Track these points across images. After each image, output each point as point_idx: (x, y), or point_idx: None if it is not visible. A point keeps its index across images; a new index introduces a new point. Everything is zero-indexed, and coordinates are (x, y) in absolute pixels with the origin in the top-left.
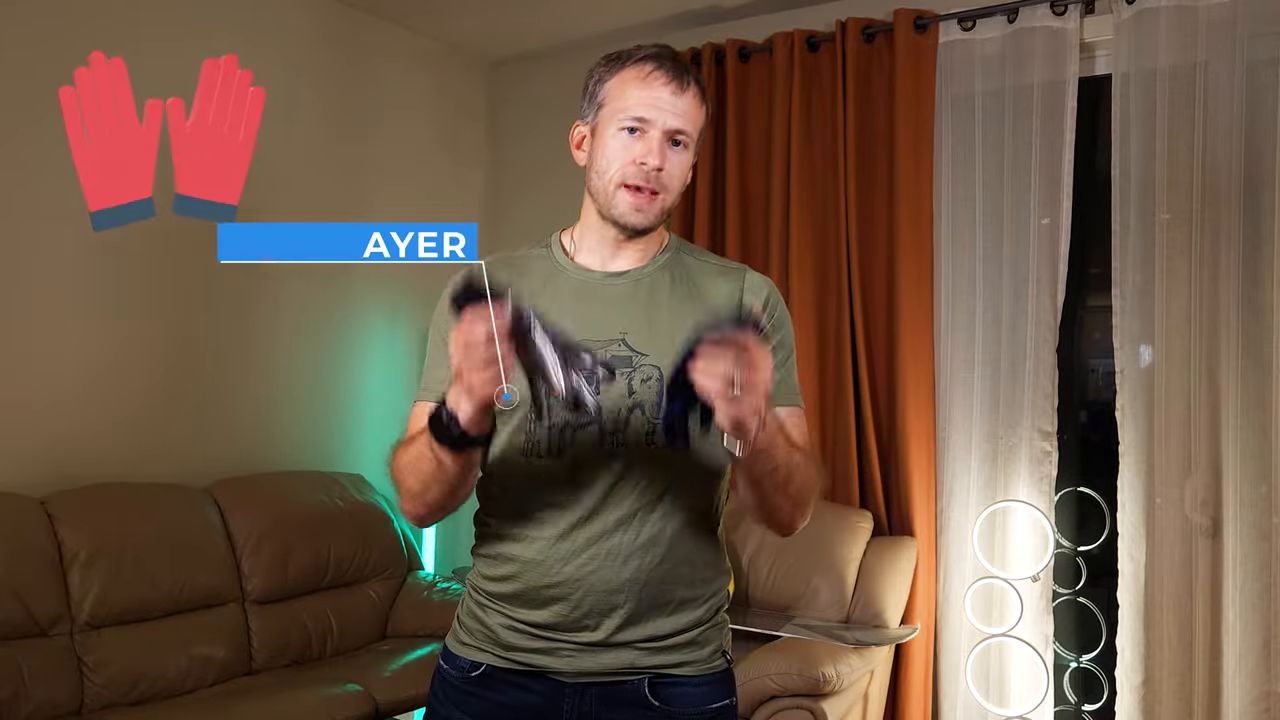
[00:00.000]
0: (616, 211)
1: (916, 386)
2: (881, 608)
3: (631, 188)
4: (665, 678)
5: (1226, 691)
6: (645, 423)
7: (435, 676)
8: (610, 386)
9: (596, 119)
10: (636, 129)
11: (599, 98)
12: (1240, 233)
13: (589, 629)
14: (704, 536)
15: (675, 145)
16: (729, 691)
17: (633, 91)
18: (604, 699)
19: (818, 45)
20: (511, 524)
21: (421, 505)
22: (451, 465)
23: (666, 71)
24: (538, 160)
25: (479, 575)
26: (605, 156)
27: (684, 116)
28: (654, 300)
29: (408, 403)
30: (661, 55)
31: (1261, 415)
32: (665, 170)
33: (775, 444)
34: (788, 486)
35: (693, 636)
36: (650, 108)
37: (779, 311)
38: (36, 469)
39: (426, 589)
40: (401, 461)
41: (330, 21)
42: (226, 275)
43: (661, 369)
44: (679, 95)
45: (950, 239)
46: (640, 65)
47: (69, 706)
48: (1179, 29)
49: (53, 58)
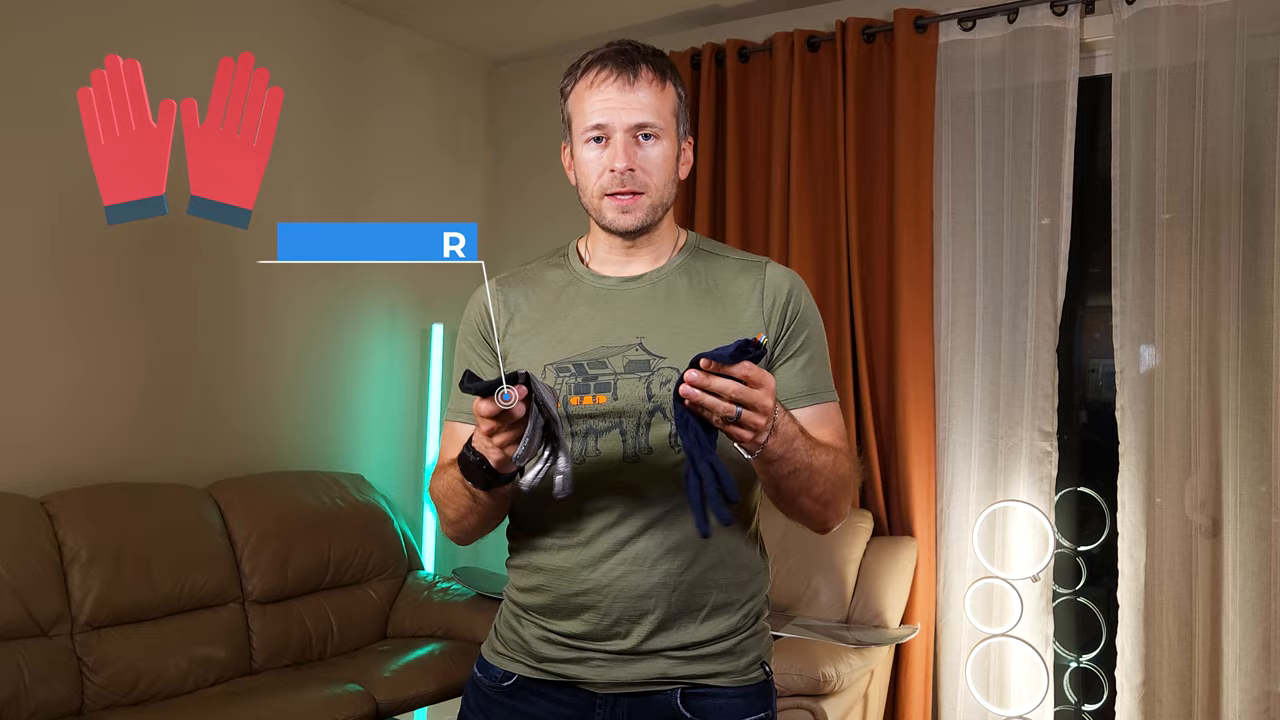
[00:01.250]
0: (606, 220)
1: (916, 386)
2: (881, 608)
3: (612, 195)
4: (699, 689)
5: (1226, 691)
6: (668, 425)
7: (468, 685)
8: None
9: (571, 137)
10: (600, 137)
11: (566, 115)
12: (1240, 233)
13: (619, 636)
14: (737, 538)
15: (646, 139)
16: (766, 705)
17: (587, 101)
18: (635, 712)
19: (818, 45)
20: (538, 533)
21: (460, 531)
22: (485, 499)
23: (611, 69)
24: (538, 160)
25: (513, 587)
26: (584, 173)
27: (642, 108)
28: (672, 302)
29: (408, 403)
30: (605, 55)
31: (1261, 415)
32: (639, 168)
33: (791, 450)
34: (811, 489)
35: (729, 646)
36: (603, 112)
37: (803, 306)
38: (36, 469)
39: (426, 589)
40: (439, 489)
41: (330, 21)
42: (227, 275)
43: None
44: (629, 89)
45: (950, 239)
46: (588, 72)
47: (69, 707)
48: (1179, 29)
49: (55, 59)
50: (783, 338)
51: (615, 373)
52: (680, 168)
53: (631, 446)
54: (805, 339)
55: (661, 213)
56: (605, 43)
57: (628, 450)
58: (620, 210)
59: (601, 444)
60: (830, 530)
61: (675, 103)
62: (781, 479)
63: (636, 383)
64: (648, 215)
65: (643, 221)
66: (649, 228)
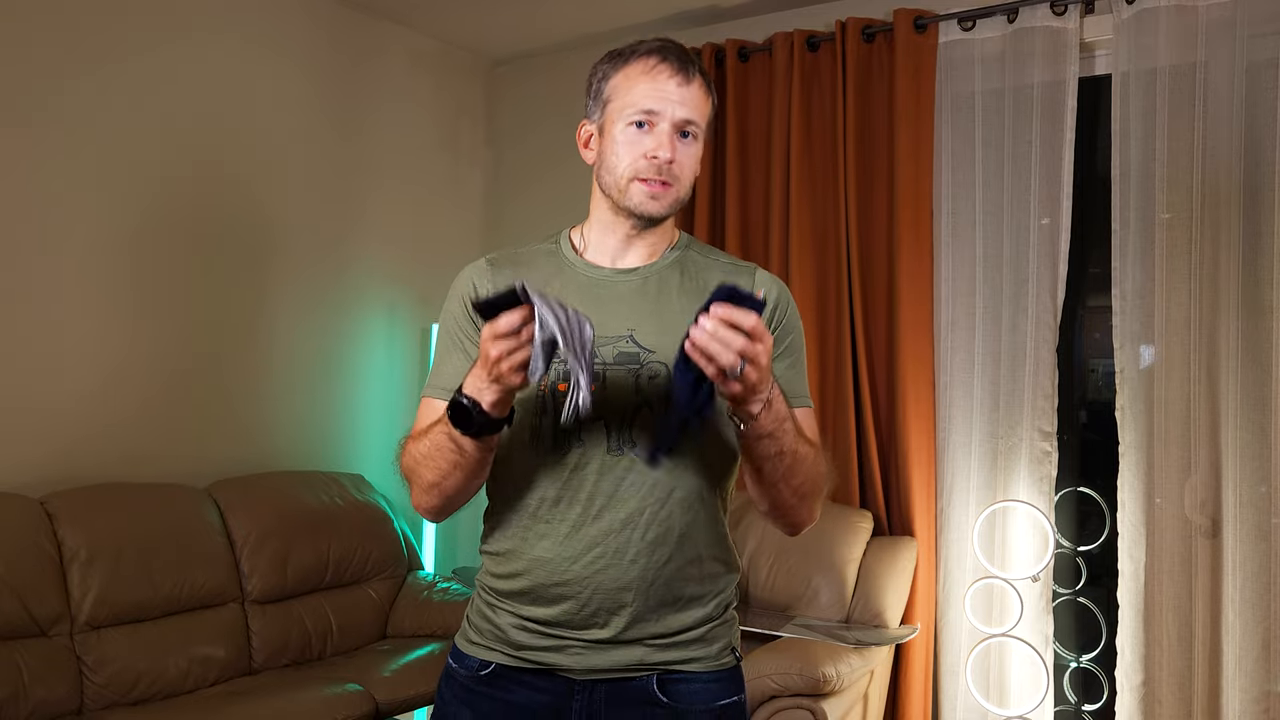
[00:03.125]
0: (632, 202)
1: (916, 386)
2: (881, 608)
3: (644, 180)
4: (674, 674)
5: (1226, 692)
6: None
7: (443, 676)
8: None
9: (604, 116)
10: (645, 122)
11: (604, 95)
12: (1240, 233)
13: (598, 626)
14: (712, 534)
15: (684, 137)
16: (738, 688)
17: (639, 85)
18: (613, 697)
19: (818, 45)
20: (519, 522)
21: (438, 496)
22: (473, 452)
23: (672, 63)
24: (538, 160)
25: (488, 574)
26: (615, 152)
27: (692, 107)
28: (663, 297)
29: (408, 402)
30: (666, 48)
31: (1261, 415)
32: (676, 161)
33: (782, 430)
34: (791, 478)
35: (702, 633)
36: (658, 100)
37: (789, 313)
38: (36, 469)
39: (426, 589)
40: (414, 455)
41: (330, 21)
42: (226, 276)
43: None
44: (685, 86)
45: (950, 239)
46: (645, 59)
47: (69, 706)
48: (1179, 29)
49: (55, 56)
50: None
51: (605, 363)
52: None
53: (616, 440)
54: (789, 344)
55: (679, 208)
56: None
57: (611, 444)
58: (649, 195)
59: (585, 435)
60: (801, 531)
61: (710, 113)
62: (766, 460)
63: (625, 376)
64: (671, 207)
65: (665, 211)
66: (664, 220)
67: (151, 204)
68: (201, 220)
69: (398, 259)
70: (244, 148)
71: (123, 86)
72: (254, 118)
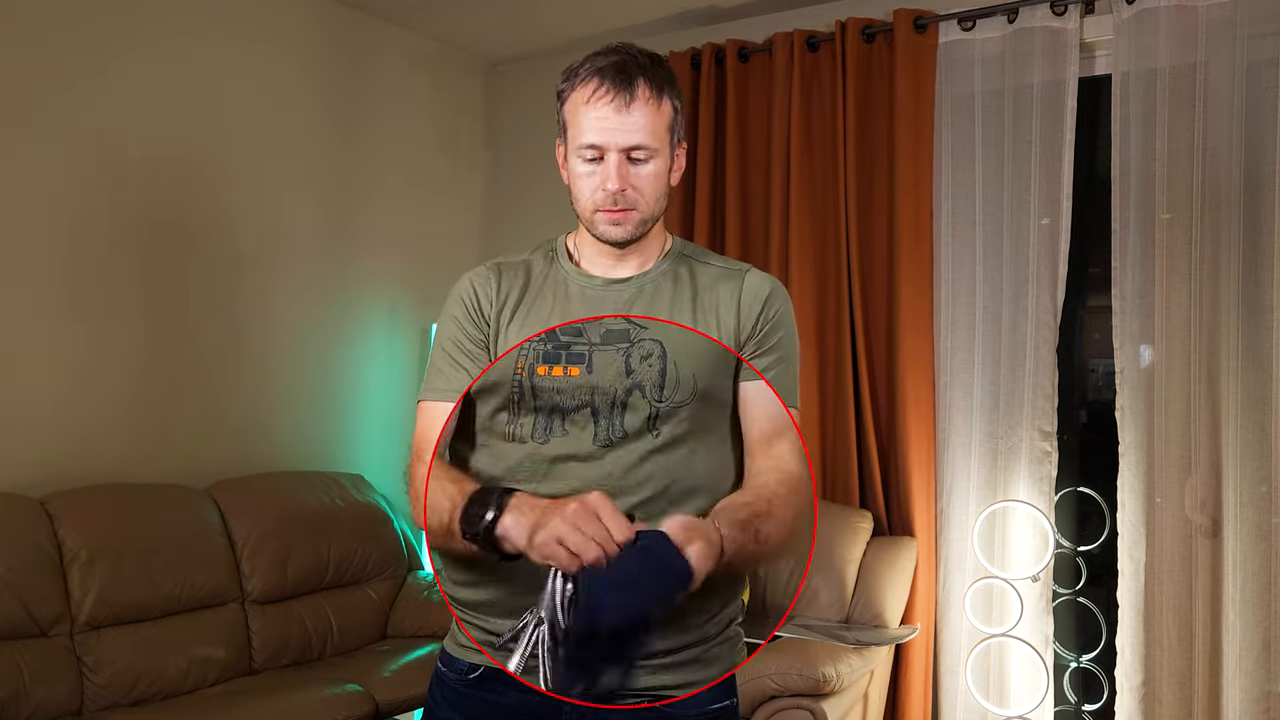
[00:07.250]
0: (599, 231)
1: (916, 386)
2: (881, 608)
3: (605, 210)
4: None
5: (1226, 691)
6: (646, 406)
7: (433, 679)
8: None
9: (565, 142)
10: (594, 156)
11: (563, 119)
12: (1240, 233)
13: None
14: None
15: (638, 160)
16: (730, 692)
17: (584, 117)
18: None
19: (818, 45)
20: None
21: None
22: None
23: (609, 86)
24: (537, 160)
25: (448, 579)
26: (576, 185)
27: (637, 130)
28: (656, 304)
29: (408, 402)
30: (604, 69)
31: (1261, 415)
32: (631, 188)
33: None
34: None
35: (697, 654)
36: (600, 133)
37: (780, 310)
38: (36, 469)
39: (426, 589)
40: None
41: (330, 21)
42: (226, 275)
43: (664, 343)
44: (625, 111)
45: (950, 239)
46: (585, 85)
47: (69, 706)
48: (1179, 29)
49: (54, 55)
50: (757, 334)
51: (591, 343)
52: (672, 175)
53: (604, 430)
54: (779, 340)
55: (651, 225)
56: (604, 45)
57: (599, 434)
58: (611, 223)
59: (570, 424)
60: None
61: (670, 117)
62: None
63: (614, 355)
64: (638, 229)
65: (633, 234)
66: (638, 238)
67: (152, 204)
68: (202, 220)
69: (397, 259)
70: (244, 148)
71: (122, 86)
72: (254, 118)
